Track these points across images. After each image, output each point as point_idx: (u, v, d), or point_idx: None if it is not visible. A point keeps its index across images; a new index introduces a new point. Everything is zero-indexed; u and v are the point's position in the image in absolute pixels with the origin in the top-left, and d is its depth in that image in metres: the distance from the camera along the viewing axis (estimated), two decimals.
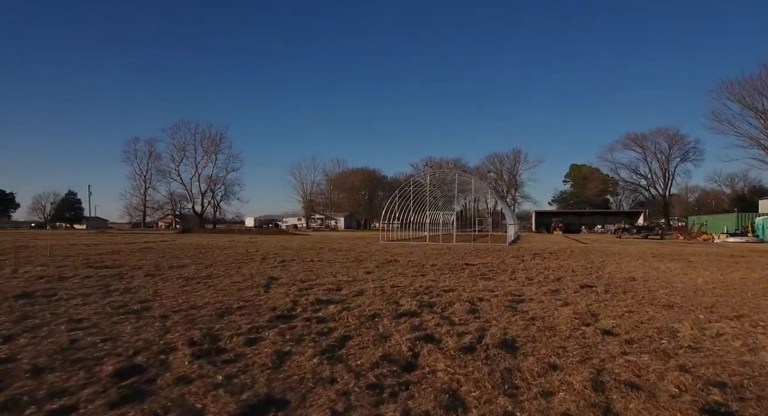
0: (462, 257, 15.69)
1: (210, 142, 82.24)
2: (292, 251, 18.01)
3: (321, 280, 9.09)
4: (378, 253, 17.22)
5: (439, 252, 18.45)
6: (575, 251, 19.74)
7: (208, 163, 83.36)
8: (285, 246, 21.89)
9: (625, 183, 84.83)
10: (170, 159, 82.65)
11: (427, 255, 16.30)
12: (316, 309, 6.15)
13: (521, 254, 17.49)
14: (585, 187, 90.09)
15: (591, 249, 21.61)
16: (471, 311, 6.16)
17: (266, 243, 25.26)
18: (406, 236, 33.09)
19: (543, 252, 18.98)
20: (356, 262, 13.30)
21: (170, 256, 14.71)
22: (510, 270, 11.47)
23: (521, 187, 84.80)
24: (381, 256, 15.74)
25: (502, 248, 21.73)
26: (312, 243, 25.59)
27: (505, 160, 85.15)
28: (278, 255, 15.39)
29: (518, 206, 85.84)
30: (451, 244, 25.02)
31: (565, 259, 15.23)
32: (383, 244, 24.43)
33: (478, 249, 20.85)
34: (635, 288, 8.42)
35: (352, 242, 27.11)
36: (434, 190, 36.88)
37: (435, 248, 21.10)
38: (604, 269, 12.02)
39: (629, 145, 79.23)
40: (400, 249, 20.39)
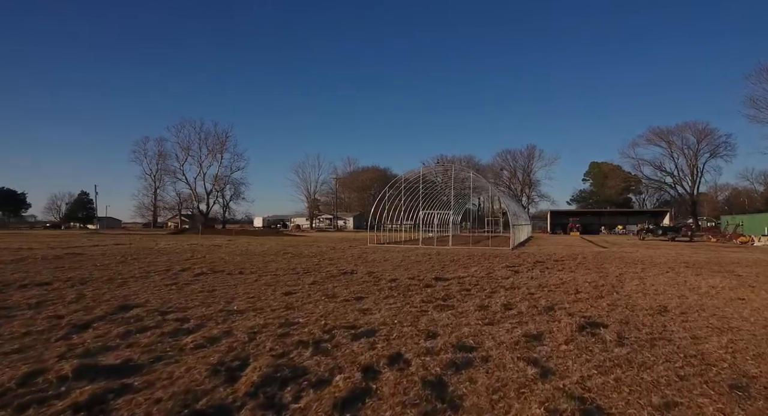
0: (442, 267, 12.60)
1: (215, 140, 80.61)
2: (243, 257, 15.19)
3: (193, 312, 6.19)
4: (344, 260, 14.27)
5: (421, 259, 15.38)
6: (588, 257, 16.39)
7: (213, 162, 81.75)
8: (247, 250, 19.12)
9: (649, 180, 79.49)
10: (175, 158, 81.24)
11: (400, 264, 13.28)
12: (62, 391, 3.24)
13: (520, 262, 14.29)
14: (605, 186, 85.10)
15: (608, 254, 18.18)
16: (350, 400, 3.16)
17: (233, 245, 22.58)
18: (403, 237, 29.99)
19: (548, 259, 15.71)
20: (300, 275, 10.39)
21: (53, 268, 12.05)
22: (488, 290, 8.36)
23: (537, 186, 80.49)
24: (344, 264, 12.81)
25: (501, 253, 18.50)
26: (288, 246, 22.80)
27: (519, 157, 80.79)
28: (214, 264, 12.59)
29: (535, 205, 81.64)
30: (445, 248, 21.89)
31: (571, 270, 11.98)
32: (366, 248, 21.47)
33: (471, 254, 17.68)
34: (669, 331, 5.27)
35: (336, 244, 24.24)
36: (437, 188, 33.78)
37: (420, 254, 18.02)
38: (621, 288, 8.78)
39: (653, 141, 73.99)
40: (379, 254, 17.39)
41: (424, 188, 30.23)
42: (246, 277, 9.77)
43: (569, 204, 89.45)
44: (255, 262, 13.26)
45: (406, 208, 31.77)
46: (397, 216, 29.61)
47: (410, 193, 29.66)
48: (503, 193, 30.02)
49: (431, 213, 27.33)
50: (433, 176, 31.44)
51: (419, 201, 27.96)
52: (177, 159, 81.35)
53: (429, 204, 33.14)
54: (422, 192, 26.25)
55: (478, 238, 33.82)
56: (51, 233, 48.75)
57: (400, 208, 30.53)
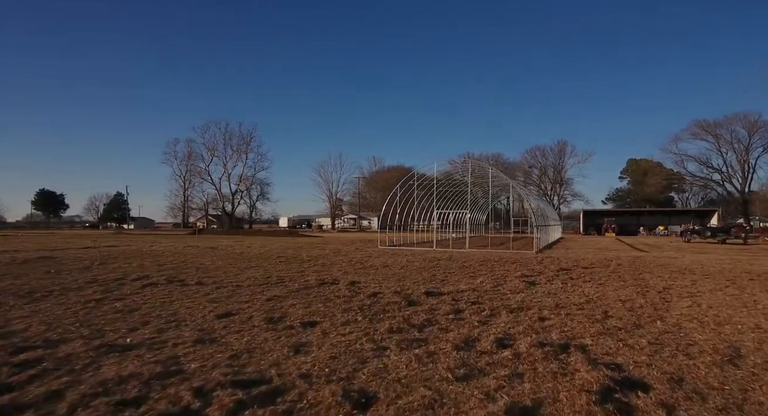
0: (444, 276, 10.69)
1: (240, 140, 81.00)
2: (226, 262, 13.72)
3: (63, 348, 4.62)
4: (336, 266, 12.57)
5: (427, 265, 13.49)
6: (624, 264, 14.01)
7: (238, 163, 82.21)
8: (240, 254, 17.71)
9: (694, 178, 74.02)
10: (200, 158, 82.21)
11: (397, 272, 11.45)
12: None
13: (540, 270, 12.16)
14: (644, 184, 79.81)
15: (648, 260, 15.66)
16: None
17: (233, 248, 21.32)
18: (423, 239, 27.94)
19: (575, 265, 13.46)
20: (267, 286, 8.76)
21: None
22: (487, 312, 6.43)
23: (570, 185, 76.14)
24: (333, 272, 11.13)
25: (522, 258, 16.31)
26: (291, 248, 21.34)
27: (549, 154, 76.72)
28: (183, 271, 11.16)
29: (567, 205, 77.43)
30: (461, 251, 19.83)
31: (601, 282, 9.79)
32: (374, 251, 19.72)
33: (487, 259, 15.59)
34: (754, 402, 3.22)
35: (345, 247, 22.62)
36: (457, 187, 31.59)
37: (429, 258, 16.10)
38: (666, 311, 6.63)
39: (698, 135, 68.81)
40: (383, 258, 15.60)
41: (443, 186, 28.19)
42: (199, 290, 8.21)
43: (605, 203, 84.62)
44: (232, 269, 11.75)
45: (428, 207, 29.89)
46: (419, 216, 27.71)
47: (426, 191, 27.69)
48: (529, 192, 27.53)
49: (446, 212, 25.26)
50: (460, 175, 29.34)
51: (436, 200, 25.93)
52: (203, 160, 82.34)
53: (446, 203, 31.01)
54: (436, 190, 24.23)
55: (503, 240, 31.38)
56: (78, 233, 49.66)
57: (422, 207, 28.74)
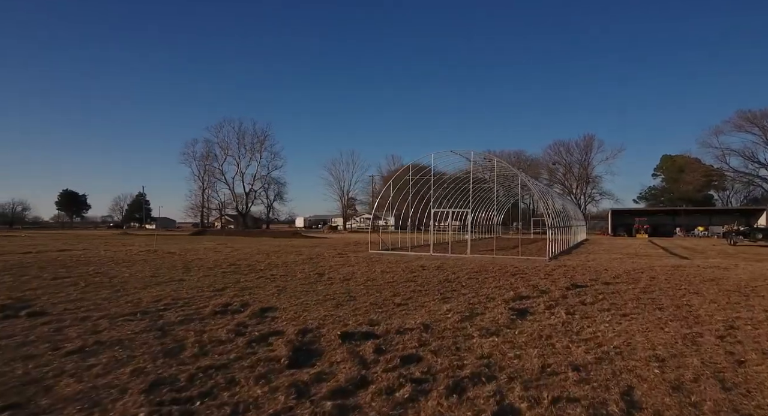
0: (406, 299, 7.83)
1: (254, 139, 79.65)
2: (152, 274, 11.26)
3: None
4: (282, 280, 9.89)
5: (398, 278, 10.64)
6: (659, 277, 10.76)
7: (252, 162, 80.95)
8: (191, 261, 15.28)
9: (737, 174, 67.84)
10: (214, 158, 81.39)
11: (351, 290, 8.67)
12: None
13: (545, 287, 9.12)
14: (680, 181, 73.92)
15: (691, 272, 12.29)
16: None
17: (197, 253, 18.95)
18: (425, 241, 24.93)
19: (593, 279, 10.32)
20: (133, 318, 6.15)
21: None
22: (406, 392, 3.56)
23: (598, 183, 70.78)
24: (268, 289, 8.48)
25: (528, 268, 13.21)
26: (265, 253, 18.81)
27: (574, 149, 71.61)
28: (45, 290, 8.72)
29: (596, 204, 72.33)
30: (459, 256, 16.83)
31: (626, 311, 6.71)
32: (356, 257, 16.97)
33: (482, 270, 12.58)
34: None
35: (330, 251, 19.96)
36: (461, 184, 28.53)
37: (411, 267, 13.23)
38: (747, 396, 3.58)
39: (743, 127, 62.74)
40: (355, 268, 12.86)
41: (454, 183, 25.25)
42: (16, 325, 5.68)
43: (636, 202, 78.99)
44: (130, 287, 9.23)
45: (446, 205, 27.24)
46: (436, 216, 24.92)
47: (441, 190, 24.87)
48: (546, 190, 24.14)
49: (450, 211, 22.28)
50: (481, 172, 26.33)
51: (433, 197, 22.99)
52: (216, 159, 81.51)
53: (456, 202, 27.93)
54: (434, 186, 21.34)
55: (515, 242, 28.00)
56: (79, 233, 49.03)
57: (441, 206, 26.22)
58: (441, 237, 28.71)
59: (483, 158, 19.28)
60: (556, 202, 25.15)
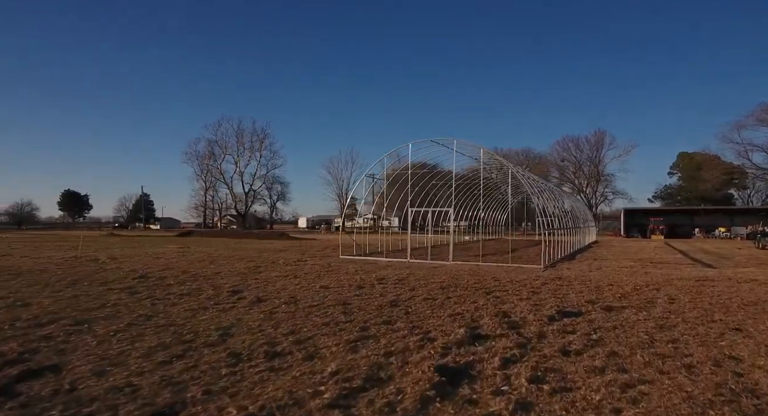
0: (308, 338, 5.31)
1: (254, 138, 77.73)
2: None
3: None
4: (182, 306, 7.46)
5: (343, 298, 8.13)
6: (681, 298, 8.08)
7: (251, 161, 79.13)
8: (94, 272, 12.96)
9: (760, 171, 63.69)
10: (212, 157, 79.67)
11: (250, 321, 6.17)
12: None
13: (520, 316, 6.53)
14: (698, 179, 69.88)
15: (723, 289, 9.52)
16: None
17: (138, 259, 16.65)
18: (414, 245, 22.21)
19: (592, 302, 7.65)
20: None
21: None
22: None
23: (611, 182, 66.77)
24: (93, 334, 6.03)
25: (511, 281, 10.55)
26: (216, 259, 16.42)
27: (584, 146, 67.82)
28: None
29: (608, 204, 68.57)
30: (440, 264, 14.24)
31: (635, 366, 4.06)
32: (318, 263, 14.49)
33: (452, 284, 9.96)
34: None
35: (297, 256, 17.48)
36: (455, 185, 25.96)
37: (368, 279, 10.70)
38: None
39: (767, 120, 58.74)
40: (292, 281, 10.38)
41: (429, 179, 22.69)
42: None
43: (651, 201, 75.07)
44: None
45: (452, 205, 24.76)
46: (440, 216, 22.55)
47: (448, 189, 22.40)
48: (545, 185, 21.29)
49: (422, 211, 19.67)
50: (488, 172, 23.81)
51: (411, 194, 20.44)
52: (214, 158, 79.83)
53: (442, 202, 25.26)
54: (410, 181, 18.84)
55: (515, 245, 25.24)
56: (76, 234, 47.35)
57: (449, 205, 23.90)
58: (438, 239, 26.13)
59: (467, 147, 16.58)
60: (558, 200, 22.34)
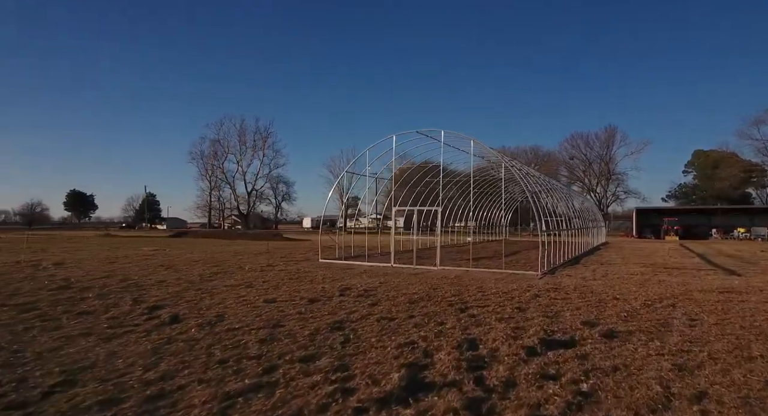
0: (190, 377, 3.77)
1: (257, 136, 76.62)
2: None
3: None
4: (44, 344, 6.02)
5: (277, 314, 6.61)
6: (704, 318, 6.43)
7: (253, 160, 78.12)
8: None
9: None
10: (214, 156, 78.76)
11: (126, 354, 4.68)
12: None
13: (495, 345, 4.96)
14: (715, 178, 67.13)
15: (757, 306, 7.80)
16: None
17: (61, 267, 15.32)
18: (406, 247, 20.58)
19: (590, 325, 6.03)
20: None
21: None
22: None
23: (623, 181, 64.03)
24: None
25: (500, 292, 8.94)
26: (200, 259, 15.00)
27: (594, 142, 65.31)
28: None
29: (620, 203, 66.07)
30: (422, 270, 12.65)
31: None
32: (285, 271, 12.99)
33: (428, 295, 8.39)
34: None
35: (268, 259, 16.01)
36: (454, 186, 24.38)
37: (328, 291, 9.17)
38: None
39: None
40: (244, 291, 8.88)
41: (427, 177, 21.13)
42: None
43: (665, 201, 72.36)
44: None
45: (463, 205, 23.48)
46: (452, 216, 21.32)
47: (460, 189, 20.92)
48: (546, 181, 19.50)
49: (405, 209, 18.14)
50: (495, 170, 22.33)
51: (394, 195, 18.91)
52: (216, 157, 78.95)
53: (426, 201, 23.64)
54: (401, 181, 17.30)
55: (516, 247, 23.51)
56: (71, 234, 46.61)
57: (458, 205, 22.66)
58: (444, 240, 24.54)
59: (455, 138, 14.93)
60: (562, 198, 20.58)
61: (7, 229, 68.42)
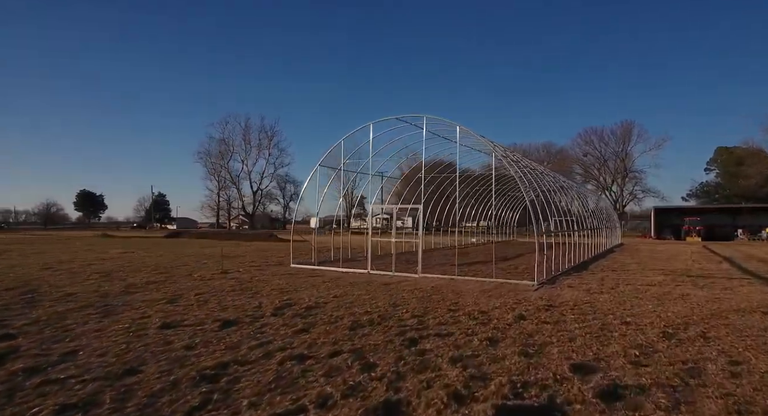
0: None
1: (262, 135, 75.60)
2: None
3: None
4: None
5: (157, 351, 4.83)
6: (749, 357, 4.46)
7: (259, 159, 77.07)
8: None
9: None
10: (219, 155, 77.89)
11: None
12: None
13: None
14: (739, 176, 63.49)
15: None
16: None
17: None
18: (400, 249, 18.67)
19: (584, 367, 4.11)
20: None
21: None
22: None
23: (640, 179, 60.86)
24: None
25: (476, 312, 7.04)
26: (129, 269, 13.40)
27: (609, 139, 62.31)
28: None
29: (637, 203, 62.91)
30: (401, 277, 10.79)
31: None
32: (241, 278, 11.25)
33: (384, 316, 6.54)
34: None
35: (237, 264, 14.33)
36: None
37: (238, 313, 7.39)
38: None
39: None
40: (129, 315, 7.15)
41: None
42: None
43: (686, 200, 68.87)
44: None
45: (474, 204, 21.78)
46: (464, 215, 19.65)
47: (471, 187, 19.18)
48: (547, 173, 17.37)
49: (382, 207, 16.33)
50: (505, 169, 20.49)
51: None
52: (221, 156, 78.07)
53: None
54: (371, 175, 15.49)
55: (519, 250, 21.42)
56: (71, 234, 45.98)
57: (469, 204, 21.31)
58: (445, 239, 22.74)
59: (440, 124, 12.94)
60: (569, 195, 18.47)
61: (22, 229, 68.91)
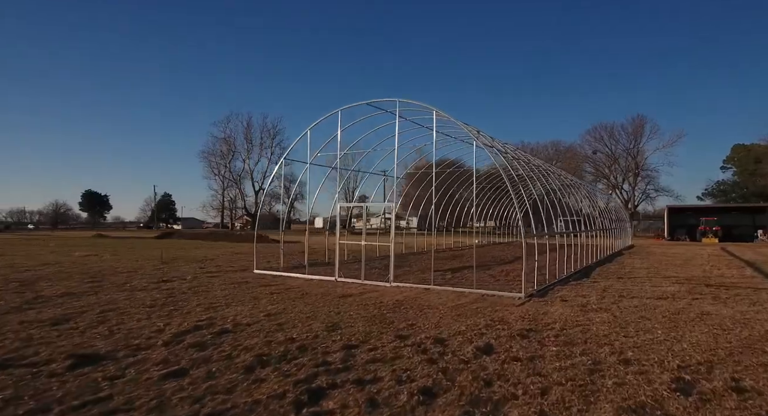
0: None
1: (264, 134, 74.42)
2: None
3: None
4: None
5: None
6: None
7: (261, 158, 75.94)
8: None
9: None
10: (221, 155, 76.92)
11: None
12: None
13: None
14: (757, 174, 60.66)
15: None
16: None
17: None
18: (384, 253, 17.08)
19: None
20: None
21: None
22: None
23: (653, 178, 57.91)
24: None
25: (437, 337, 5.47)
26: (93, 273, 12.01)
27: (620, 135, 59.67)
28: None
29: (651, 202, 60.18)
30: (372, 287, 9.24)
31: None
32: (177, 288, 9.77)
33: (300, 350, 5.00)
34: None
35: (190, 268, 12.90)
36: None
37: (105, 343, 5.84)
38: None
39: None
40: None
41: None
42: None
43: (701, 199, 66.06)
44: None
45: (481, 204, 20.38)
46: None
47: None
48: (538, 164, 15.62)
49: (348, 205, 14.71)
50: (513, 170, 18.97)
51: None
52: (223, 156, 77.13)
53: None
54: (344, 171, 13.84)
55: (520, 253, 19.69)
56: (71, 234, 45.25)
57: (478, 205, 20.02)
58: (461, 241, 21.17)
59: (419, 112, 11.29)
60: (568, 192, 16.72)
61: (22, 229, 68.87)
